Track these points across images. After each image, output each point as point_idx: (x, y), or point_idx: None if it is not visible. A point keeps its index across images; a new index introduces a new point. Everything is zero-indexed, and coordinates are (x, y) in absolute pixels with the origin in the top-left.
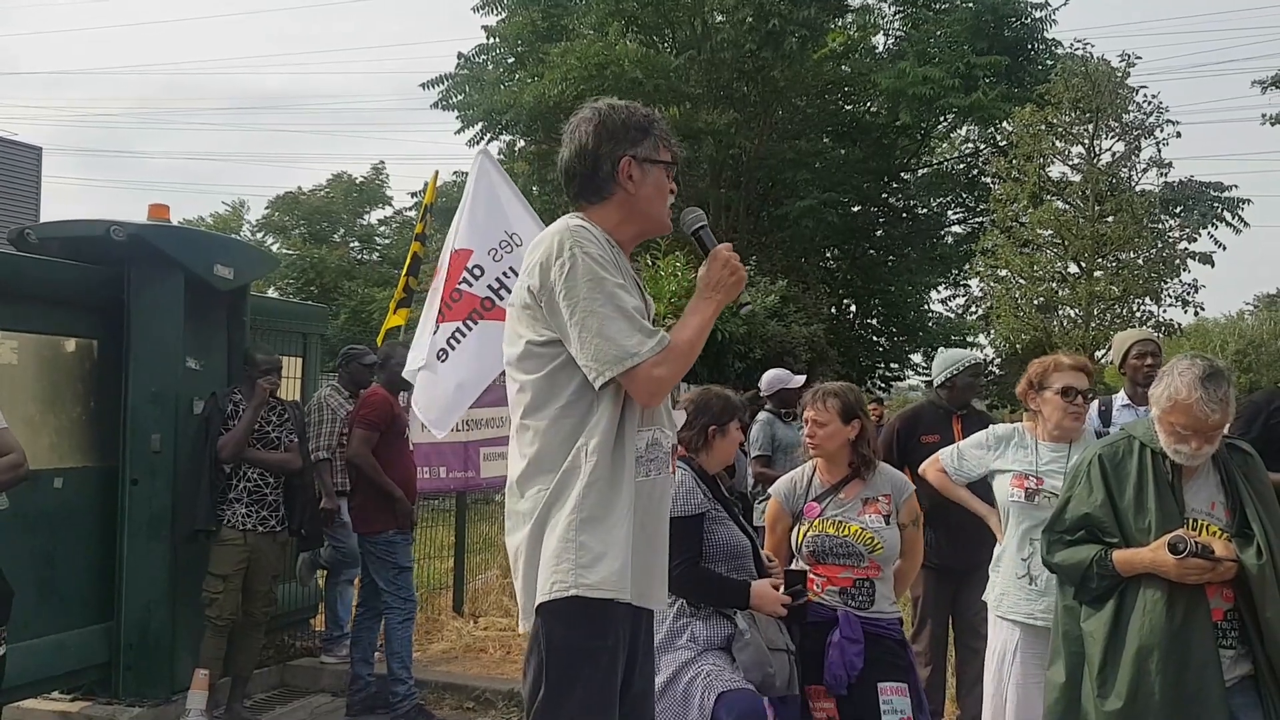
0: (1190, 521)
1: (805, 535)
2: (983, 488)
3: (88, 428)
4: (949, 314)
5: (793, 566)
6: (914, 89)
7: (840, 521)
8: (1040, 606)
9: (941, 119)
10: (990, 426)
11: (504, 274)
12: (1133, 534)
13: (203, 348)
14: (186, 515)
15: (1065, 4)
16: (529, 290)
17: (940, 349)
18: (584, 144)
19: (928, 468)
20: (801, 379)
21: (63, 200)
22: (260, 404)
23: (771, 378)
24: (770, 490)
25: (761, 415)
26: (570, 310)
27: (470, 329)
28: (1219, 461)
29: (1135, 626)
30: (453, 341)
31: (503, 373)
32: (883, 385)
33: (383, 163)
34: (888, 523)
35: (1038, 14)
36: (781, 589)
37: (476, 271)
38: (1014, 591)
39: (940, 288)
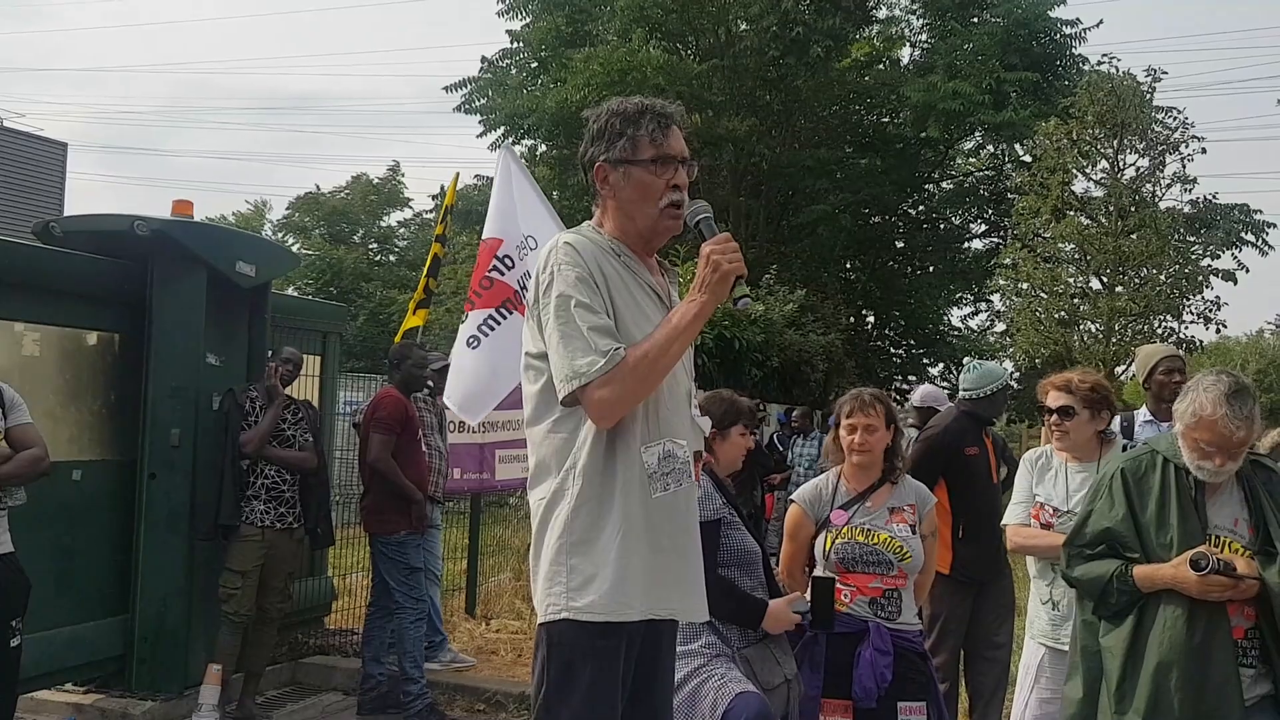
0: (1213, 538)
1: (833, 543)
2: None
3: (107, 421)
4: (969, 330)
5: (819, 574)
6: (943, 104)
7: (869, 529)
8: (1064, 631)
9: (970, 135)
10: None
11: (525, 274)
12: (1154, 549)
13: (223, 344)
14: (208, 511)
15: (1098, 25)
16: (527, 303)
17: (972, 361)
18: (580, 151)
19: (1018, 544)
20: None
21: (87, 196)
22: (281, 400)
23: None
24: (794, 496)
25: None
26: (545, 326)
27: (505, 317)
28: (1243, 478)
29: (1155, 643)
30: (485, 328)
31: None
32: (899, 398)
33: (397, 164)
34: (913, 532)
35: (1068, 30)
36: (807, 595)
37: (508, 262)
38: (1041, 616)
39: (962, 304)
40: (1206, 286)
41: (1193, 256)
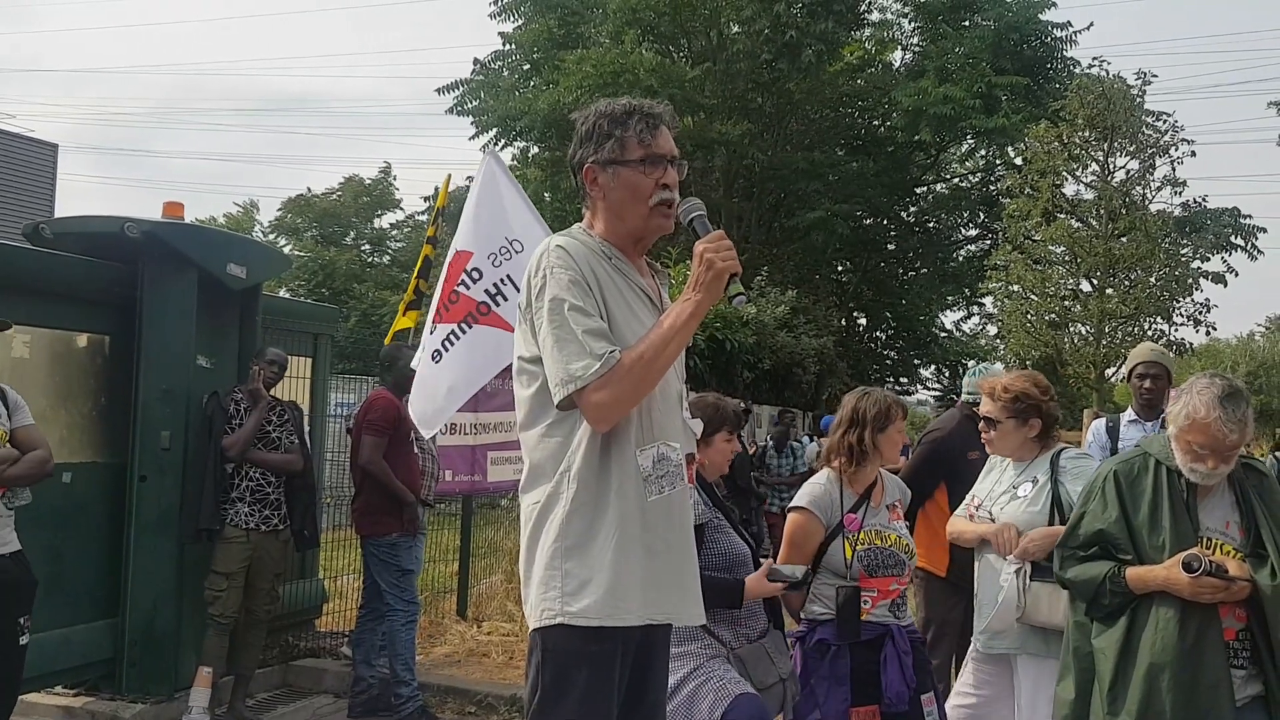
0: (1204, 540)
1: (854, 550)
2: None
3: (97, 423)
4: (960, 334)
5: (842, 583)
6: (934, 108)
7: (880, 531)
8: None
9: (962, 140)
10: None
11: (501, 280)
12: (1146, 551)
13: (214, 346)
14: (190, 515)
15: (1088, 28)
16: (519, 306)
17: (976, 365)
18: (569, 153)
19: (949, 533)
20: None
21: (78, 197)
22: (265, 403)
23: None
24: (801, 503)
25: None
26: (539, 330)
27: (465, 332)
28: (1234, 481)
29: (1147, 644)
30: (447, 343)
31: (499, 376)
32: None
33: (389, 165)
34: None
35: (1059, 33)
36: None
37: (475, 274)
38: None
39: (954, 307)
40: (1196, 289)
41: (1183, 259)
